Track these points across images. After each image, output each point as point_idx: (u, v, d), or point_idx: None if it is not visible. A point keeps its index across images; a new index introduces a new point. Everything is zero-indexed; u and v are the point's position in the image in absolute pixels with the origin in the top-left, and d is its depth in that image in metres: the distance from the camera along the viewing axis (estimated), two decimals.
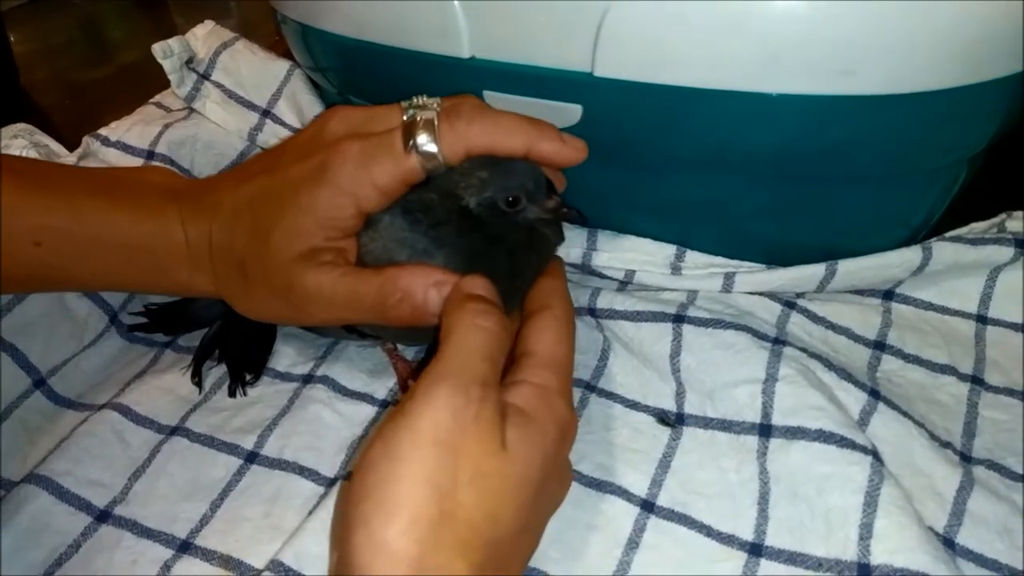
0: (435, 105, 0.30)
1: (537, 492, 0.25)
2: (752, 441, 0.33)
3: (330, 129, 0.31)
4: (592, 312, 0.39)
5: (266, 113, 0.49)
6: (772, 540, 0.31)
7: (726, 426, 0.34)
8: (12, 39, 0.69)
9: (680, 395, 0.36)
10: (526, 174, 0.31)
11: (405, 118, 0.30)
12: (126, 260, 0.33)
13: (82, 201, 0.32)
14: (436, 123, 0.29)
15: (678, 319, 0.36)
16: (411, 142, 0.29)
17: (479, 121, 0.30)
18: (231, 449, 0.35)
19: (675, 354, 0.36)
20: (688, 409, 0.35)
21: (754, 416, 0.34)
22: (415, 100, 0.31)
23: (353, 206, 0.30)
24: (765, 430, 0.33)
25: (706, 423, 0.35)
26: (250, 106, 0.49)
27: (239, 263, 0.32)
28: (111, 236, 0.32)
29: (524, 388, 0.27)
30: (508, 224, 0.32)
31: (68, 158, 0.47)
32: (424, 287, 0.29)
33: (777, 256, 0.39)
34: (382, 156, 0.29)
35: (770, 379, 0.34)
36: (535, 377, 0.27)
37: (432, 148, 0.29)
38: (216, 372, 0.39)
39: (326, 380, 0.38)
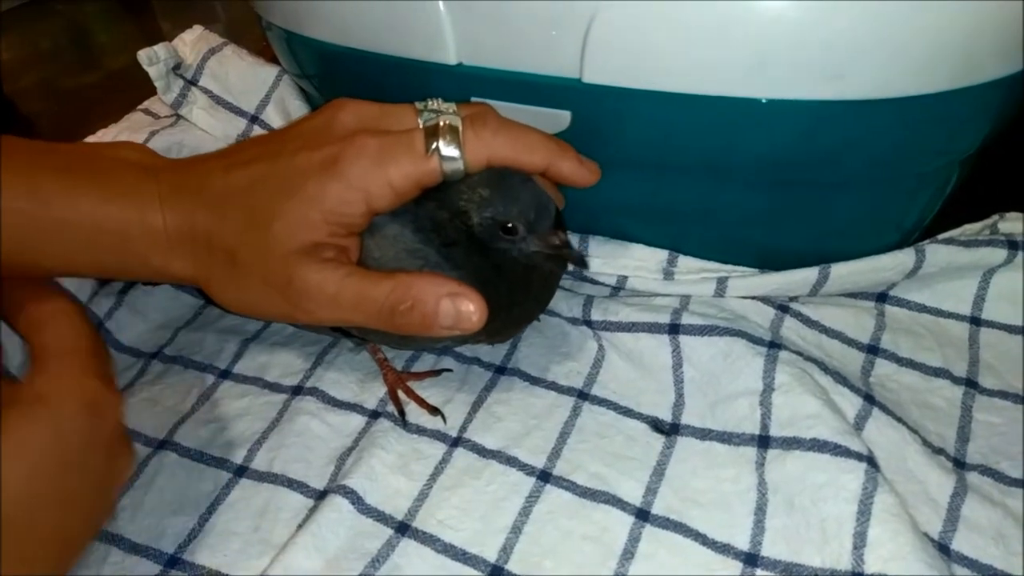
0: (452, 110, 0.30)
1: (60, 463, 0.26)
2: (751, 452, 0.33)
3: (341, 121, 0.30)
4: (588, 323, 0.39)
5: (254, 119, 0.48)
6: (768, 550, 0.30)
7: (726, 438, 0.34)
8: None
9: (678, 406, 0.36)
10: (529, 202, 0.31)
11: (422, 120, 0.30)
12: (94, 242, 0.31)
13: (44, 179, 0.30)
14: (460, 129, 0.29)
15: (673, 329, 0.36)
16: (434, 145, 0.29)
17: (503, 133, 0.30)
18: (220, 463, 0.35)
19: (678, 366, 0.36)
20: (686, 420, 0.35)
21: (753, 428, 0.34)
22: (430, 103, 0.30)
23: (363, 203, 0.29)
24: (763, 441, 0.33)
25: (704, 434, 0.35)
26: (238, 112, 0.48)
27: (229, 251, 0.30)
28: (77, 217, 0.30)
29: (32, 379, 0.28)
30: (510, 255, 0.31)
31: None
32: (437, 296, 0.28)
33: (770, 260, 0.39)
34: (401, 156, 0.29)
35: (768, 389, 0.34)
36: (43, 367, 0.28)
37: (455, 153, 0.29)
38: (203, 382, 0.38)
39: (315, 391, 0.37)
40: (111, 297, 0.41)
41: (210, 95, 0.48)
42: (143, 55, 0.47)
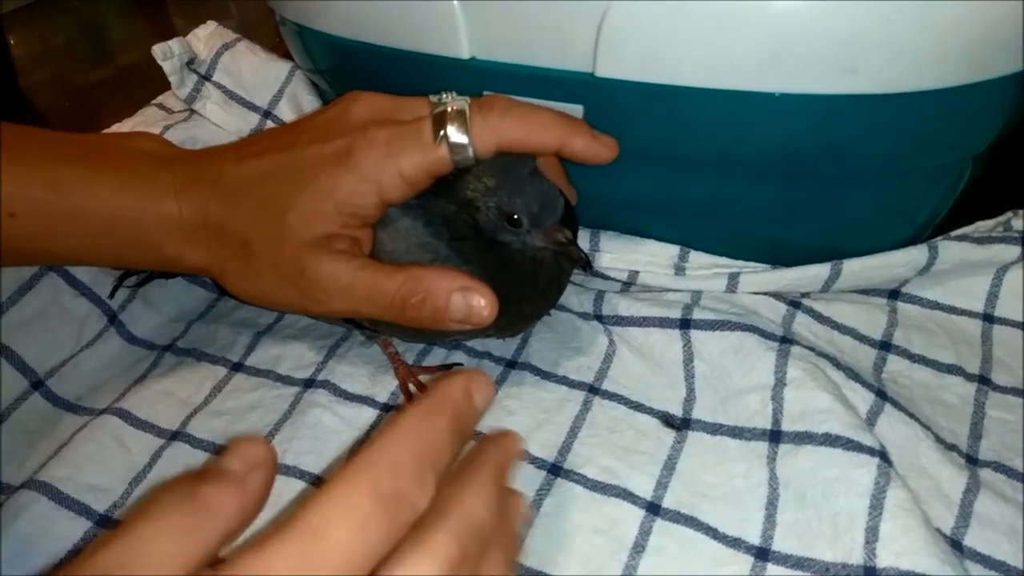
0: (464, 100, 0.30)
1: None
2: (762, 447, 0.33)
3: (354, 112, 0.31)
4: (599, 318, 0.39)
5: (267, 114, 0.48)
6: (779, 545, 0.30)
7: (736, 433, 0.34)
8: (11, 42, 0.69)
9: (689, 401, 0.36)
10: (534, 196, 0.31)
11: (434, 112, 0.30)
12: (109, 232, 0.31)
13: (61, 168, 0.31)
14: (468, 114, 0.29)
15: (684, 324, 0.36)
16: (441, 132, 0.29)
17: (511, 114, 0.29)
18: None
19: (689, 360, 0.36)
20: (697, 415, 0.35)
21: (765, 422, 0.34)
22: (443, 96, 0.30)
23: (376, 194, 0.29)
24: (775, 436, 0.33)
25: (715, 429, 0.35)
26: (251, 107, 0.49)
27: (243, 241, 0.30)
28: (93, 206, 0.30)
29: None
30: (514, 249, 0.31)
31: None
32: (448, 290, 0.29)
33: (781, 256, 0.39)
34: (410, 145, 0.29)
35: (779, 383, 0.34)
36: None
37: (462, 139, 0.29)
38: (215, 374, 0.39)
39: (327, 384, 0.37)
40: (125, 290, 0.41)
41: (223, 90, 0.49)
42: (157, 50, 0.47)
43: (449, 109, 0.29)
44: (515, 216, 0.31)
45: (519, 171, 0.31)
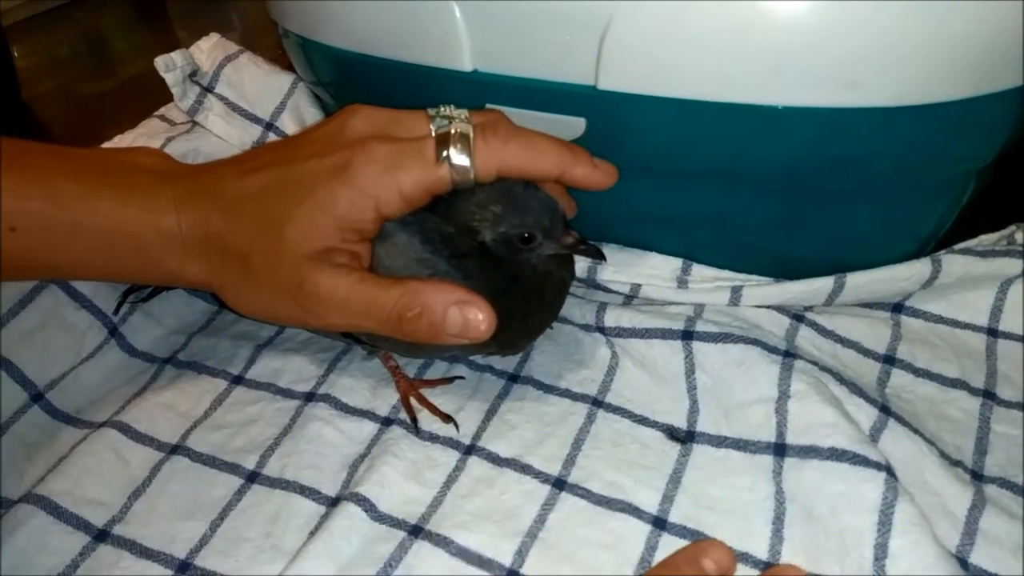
0: (463, 117, 0.30)
1: None
2: (767, 460, 0.33)
3: (352, 126, 0.31)
4: (601, 330, 0.38)
5: (269, 126, 0.48)
6: (786, 560, 0.30)
7: (741, 445, 0.34)
8: (15, 53, 0.70)
9: (693, 413, 0.36)
10: (541, 210, 0.31)
11: (434, 127, 0.30)
12: (110, 246, 0.31)
13: (62, 183, 0.31)
14: (471, 137, 0.29)
15: (687, 335, 0.36)
16: (444, 153, 0.29)
17: (515, 141, 0.30)
18: (232, 469, 0.35)
19: (690, 372, 0.36)
20: (701, 427, 0.35)
21: (769, 435, 0.33)
22: (442, 109, 0.31)
23: (373, 208, 0.29)
24: (780, 449, 0.33)
25: (720, 442, 0.34)
26: (253, 119, 0.49)
27: (243, 255, 0.30)
28: (94, 220, 0.31)
29: None
30: (525, 264, 0.31)
31: None
32: (445, 304, 0.28)
33: (784, 269, 0.39)
34: (411, 162, 0.29)
35: (783, 396, 0.34)
36: None
37: (465, 162, 0.29)
38: (216, 387, 0.38)
39: (328, 398, 0.37)
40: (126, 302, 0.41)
41: (226, 102, 0.49)
42: (160, 61, 0.47)
43: (453, 131, 0.29)
44: (526, 235, 0.31)
45: (517, 190, 0.31)
